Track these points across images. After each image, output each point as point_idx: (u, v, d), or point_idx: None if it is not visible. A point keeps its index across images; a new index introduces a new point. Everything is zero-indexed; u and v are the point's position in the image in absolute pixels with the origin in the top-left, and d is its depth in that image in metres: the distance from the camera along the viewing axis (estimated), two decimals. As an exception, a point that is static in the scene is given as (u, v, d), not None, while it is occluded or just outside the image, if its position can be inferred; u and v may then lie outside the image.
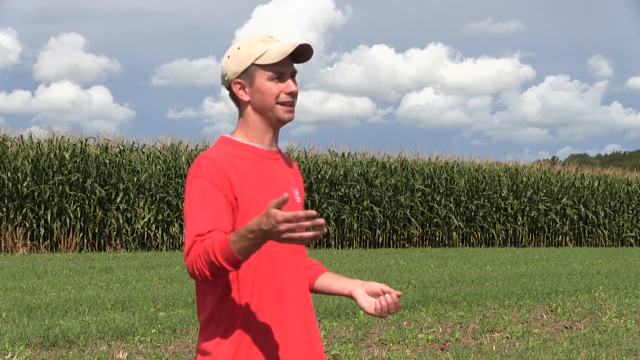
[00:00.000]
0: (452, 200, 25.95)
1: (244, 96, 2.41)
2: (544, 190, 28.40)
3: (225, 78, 2.43)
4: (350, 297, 2.52)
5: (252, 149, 2.42)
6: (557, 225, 28.03)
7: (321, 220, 2.16)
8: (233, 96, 2.46)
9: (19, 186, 19.12)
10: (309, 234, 2.11)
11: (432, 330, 7.57)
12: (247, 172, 2.36)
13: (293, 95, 2.41)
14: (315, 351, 2.45)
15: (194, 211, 2.27)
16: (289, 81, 2.41)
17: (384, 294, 2.47)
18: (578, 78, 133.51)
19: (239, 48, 2.41)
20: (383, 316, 2.46)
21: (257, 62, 2.38)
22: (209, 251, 2.17)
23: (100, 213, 19.85)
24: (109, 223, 20.01)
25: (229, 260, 2.17)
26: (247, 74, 2.39)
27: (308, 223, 2.11)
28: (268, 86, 2.38)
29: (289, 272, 2.42)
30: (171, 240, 20.74)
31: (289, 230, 2.10)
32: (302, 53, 2.41)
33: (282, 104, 2.40)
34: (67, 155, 19.97)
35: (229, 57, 2.42)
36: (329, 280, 2.60)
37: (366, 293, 2.51)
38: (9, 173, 19.13)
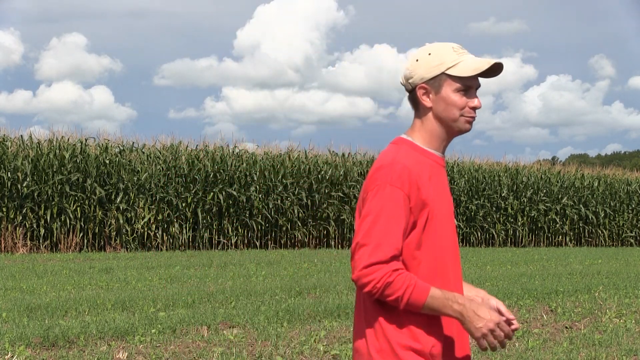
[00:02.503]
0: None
1: (427, 102, 2.40)
2: (544, 190, 28.40)
3: (410, 81, 2.41)
4: None
5: (432, 155, 2.42)
6: (557, 225, 28.03)
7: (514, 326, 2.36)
8: (414, 99, 2.44)
9: (19, 186, 19.12)
10: (497, 343, 2.26)
11: (432, 330, 7.56)
12: (431, 181, 2.36)
13: (476, 109, 2.41)
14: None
15: (383, 221, 2.26)
16: (475, 96, 2.41)
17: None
18: (580, 78, 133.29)
19: (430, 54, 2.39)
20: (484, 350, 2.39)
21: (447, 72, 2.36)
22: (402, 287, 2.21)
23: (100, 213, 19.84)
24: (109, 223, 20.01)
25: (410, 306, 2.23)
26: (435, 81, 2.38)
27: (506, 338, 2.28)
28: (454, 98, 2.38)
29: (453, 274, 2.44)
30: (171, 240, 20.72)
31: (492, 333, 2.23)
32: (491, 68, 2.40)
33: (465, 116, 2.40)
34: (67, 155, 19.96)
35: (417, 60, 2.40)
36: None
37: None
38: (9, 173, 19.12)
